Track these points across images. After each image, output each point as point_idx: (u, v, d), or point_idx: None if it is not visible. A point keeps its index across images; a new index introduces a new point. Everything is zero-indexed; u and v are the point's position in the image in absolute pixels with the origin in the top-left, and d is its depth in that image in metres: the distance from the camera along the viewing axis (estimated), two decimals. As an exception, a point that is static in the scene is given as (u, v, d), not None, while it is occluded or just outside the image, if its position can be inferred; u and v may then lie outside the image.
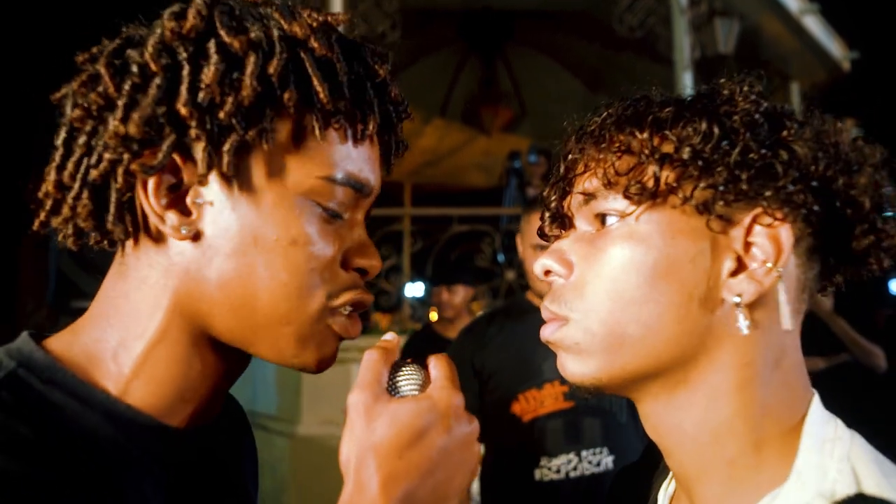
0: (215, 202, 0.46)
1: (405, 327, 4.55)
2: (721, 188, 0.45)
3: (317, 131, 0.46)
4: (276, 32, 0.45)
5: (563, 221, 0.52)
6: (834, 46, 5.30)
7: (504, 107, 6.30)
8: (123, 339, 0.47)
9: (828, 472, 0.44)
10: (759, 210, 0.45)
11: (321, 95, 0.45)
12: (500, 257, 4.41)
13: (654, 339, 0.45)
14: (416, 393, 0.47)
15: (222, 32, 0.45)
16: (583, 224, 0.51)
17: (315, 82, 0.45)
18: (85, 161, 0.46)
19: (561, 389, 1.43)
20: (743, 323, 0.44)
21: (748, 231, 0.46)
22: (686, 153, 0.46)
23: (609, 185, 0.48)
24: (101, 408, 0.45)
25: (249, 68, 0.44)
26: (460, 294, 2.99)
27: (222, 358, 0.49)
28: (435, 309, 3.16)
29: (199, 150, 0.44)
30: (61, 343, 0.48)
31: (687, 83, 4.29)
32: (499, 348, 1.50)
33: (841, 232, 0.47)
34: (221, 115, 0.44)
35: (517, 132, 6.77)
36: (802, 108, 0.52)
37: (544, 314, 0.51)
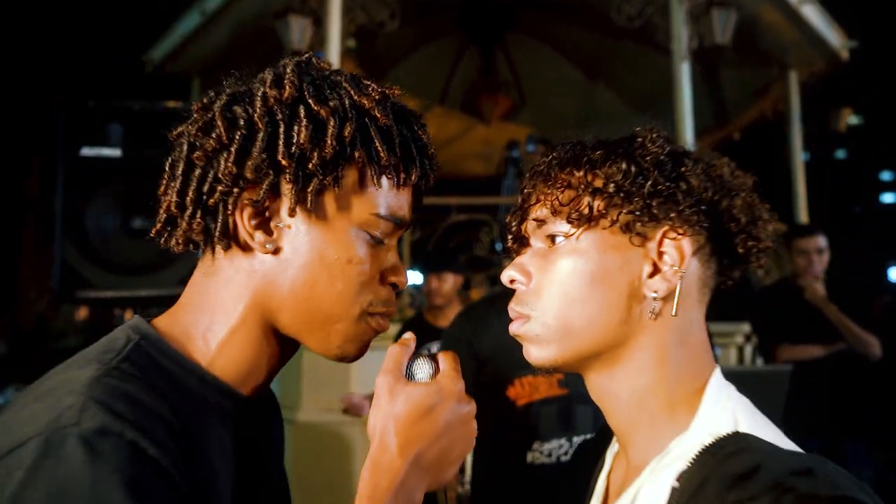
0: (293, 227, 0.60)
1: (404, 315, 4.60)
2: (638, 213, 0.61)
3: (375, 180, 0.61)
4: (348, 102, 0.60)
5: (522, 241, 0.67)
6: (832, 35, 5.27)
7: (503, 96, 6.29)
8: (211, 324, 0.61)
9: (717, 419, 0.59)
10: (667, 227, 0.61)
11: (381, 155, 0.60)
12: (498, 246, 4.44)
13: (595, 328, 0.61)
14: (427, 379, 0.62)
15: (311, 101, 0.59)
16: (537, 243, 0.66)
17: (377, 144, 0.60)
18: (202, 190, 0.60)
19: (556, 377, 1.47)
20: (659, 311, 0.61)
21: (660, 243, 0.62)
22: (611, 188, 0.61)
23: (555, 213, 0.63)
24: (196, 374, 0.60)
25: (330, 131, 0.58)
26: (449, 282, 2.99)
27: (282, 346, 0.64)
28: (425, 296, 3.18)
29: (288, 190, 0.59)
30: (164, 324, 0.62)
31: (684, 73, 4.31)
32: (497, 333, 1.54)
33: (728, 240, 0.64)
34: (310, 165, 0.58)
35: (516, 121, 6.77)
36: (697, 150, 0.67)
37: (511, 314, 0.65)
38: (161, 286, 2.30)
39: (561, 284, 0.61)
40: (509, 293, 0.67)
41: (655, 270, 0.61)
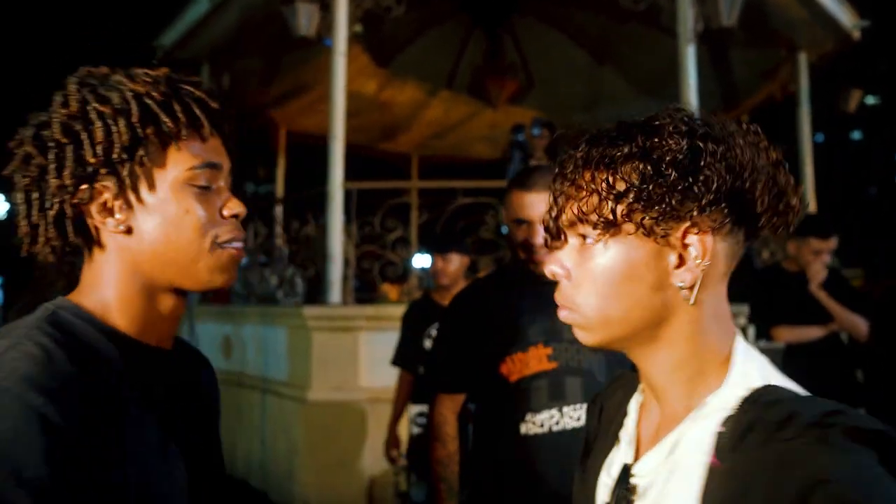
0: (133, 205, 0.74)
1: (413, 297, 4.68)
2: (658, 217, 0.65)
3: (175, 144, 0.74)
4: (127, 94, 0.73)
5: (559, 236, 0.74)
6: (843, 15, 5.21)
7: (510, 79, 6.26)
8: (107, 295, 0.75)
9: (749, 376, 0.66)
10: (687, 223, 0.66)
11: (168, 124, 0.73)
12: (504, 229, 4.49)
13: (630, 317, 0.68)
14: None
15: (96, 105, 0.72)
16: (572, 238, 0.72)
17: (162, 117, 0.73)
18: (43, 207, 0.73)
19: (545, 352, 1.54)
20: (689, 297, 0.67)
21: (683, 238, 0.66)
22: (632, 194, 0.65)
23: (581, 220, 0.69)
24: (105, 331, 0.73)
25: (121, 123, 0.71)
26: (455, 262, 3.04)
27: (168, 298, 0.78)
28: (432, 277, 3.24)
29: (109, 181, 0.73)
30: (77, 297, 0.77)
31: (690, 56, 4.30)
32: (492, 314, 1.61)
33: (753, 219, 0.68)
34: (114, 156, 0.71)
35: (523, 104, 6.76)
36: (721, 124, 0.68)
37: (557, 302, 0.73)
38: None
39: (594, 283, 0.68)
40: (502, 275, 0.73)
41: (681, 262, 0.66)
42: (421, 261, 5.53)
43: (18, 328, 0.69)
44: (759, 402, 0.62)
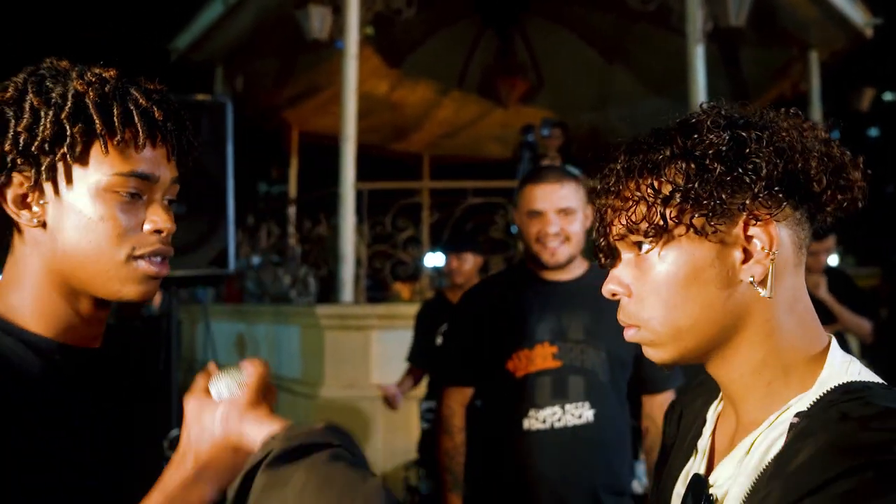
0: (49, 201, 0.72)
1: (424, 296, 4.72)
2: (710, 214, 0.61)
3: (103, 147, 0.71)
4: (69, 89, 0.71)
5: (612, 254, 0.70)
6: (855, 12, 5.17)
7: (520, 79, 6.29)
8: (24, 295, 0.74)
9: (843, 377, 0.61)
10: (745, 215, 0.62)
11: (98, 126, 0.71)
12: (514, 228, 4.53)
13: (701, 324, 0.64)
14: (227, 396, 0.70)
15: (31, 96, 0.70)
16: (625, 252, 0.69)
17: (94, 119, 0.70)
18: None
19: (550, 350, 1.59)
20: (763, 293, 0.62)
21: (745, 230, 0.62)
22: (678, 196, 0.62)
23: (632, 231, 0.66)
24: (16, 334, 0.72)
25: (49, 117, 0.70)
26: (469, 261, 3.12)
27: (83, 300, 0.75)
28: (446, 276, 3.31)
29: (28, 172, 0.71)
30: None
31: (699, 56, 4.31)
32: (501, 312, 1.66)
33: (816, 199, 0.64)
34: (33, 149, 0.70)
35: (534, 104, 6.78)
36: (759, 112, 0.66)
37: (622, 323, 0.69)
38: (194, 266, 2.45)
39: (658, 294, 0.64)
40: (511, 274, 0.72)
41: (747, 255, 0.62)
42: (433, 260, 5.58)
43: None
44: (843, 399, 0.57)
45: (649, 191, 0.64)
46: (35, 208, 0.72)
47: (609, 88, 6.72)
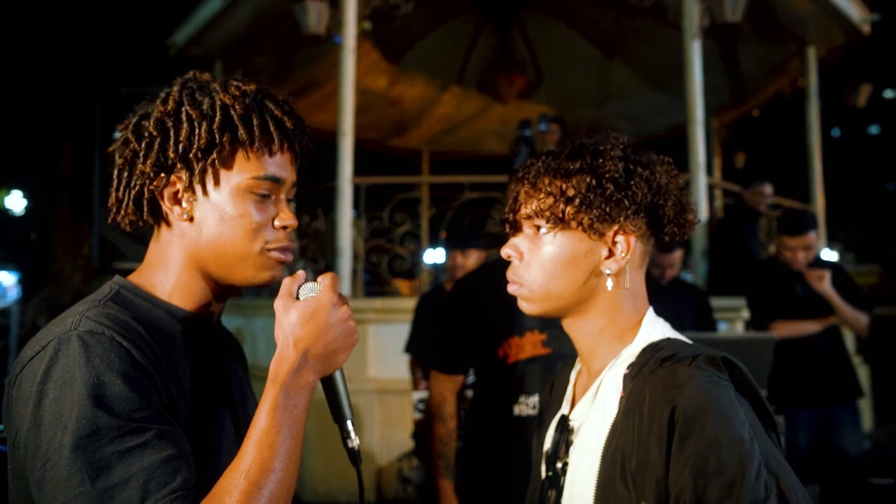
0: (198, 199, 0.84)
1: (424, 291, 4.74)
2: (596, 218, 0.86)
3: (245, 154, 0.83)
4: (217, 102, 0.83)
5: (516, 226, 0.93)
6: (853, 8, 5.18)
7: (519, 74, 6.29)
8: (166, 275, 0.87)
9: (651, 335, 0.88)
10: (617, 226, 0.87)
11: (243, 135, 0.83)
12: (511, 224, 4.54)
13: (566, 294, 0.89)
14: (313, 296, 0.82)
15: (187, 108, 0.83)
16: (527, 228, 0.91)
17: (239, 129, 0.82)
18: (128, 185, 0.86)
19: (539, 338, 1.61)
20: (609, 284, 0.88)
21: (613, 237, 0.87)
22: (578, 200, 0.86)
23: (538, 215, 0.88)
24: (163, 307, 0.85)
25: (204, 126, 0.82)
26: (473, 257, 3.16)
27: (217, 285, 0.88)
28: (449, 271, 3.34)
29: (183, 175, 0.83)
30: (135, 279, 0.88)
31: (696, 52, 4.32)
32: (492, 300, 1.68)
33: (661, 227, 0.90)
34: (191, 155, 0.82)
35: (533, 99, 6.79)
36: (646, 154, 0.90)
37: (508, 279, 0.92)
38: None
39: (542, 265, 0.88)
40: (500, 266, 0.94)
41: (610, 254, 0.87)
42: (432, 256, 5.58)
43: (89, 301, 0.80)
44: (655, 349, 0.83)
45: (558, 189, 0.87)
46: (185, 205, 0.83)
47: (608, 84, 6.73)
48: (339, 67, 4.35)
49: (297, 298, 0.82)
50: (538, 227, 0.89)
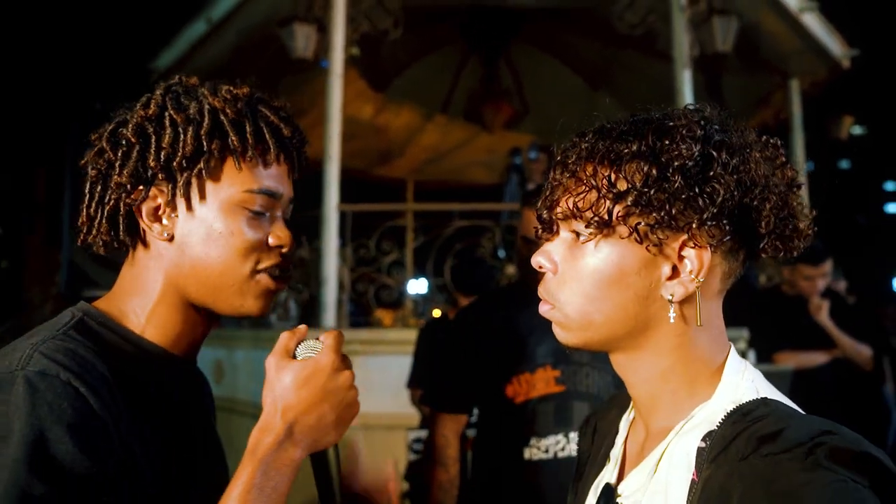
0: (180, 215, 0.73)
1: (407, 323, 4.60)
2: (655, 224, 0.61)
3: (237, 164, 0.73)
4: (205, 106, 0.72)
5: (551, 227, 0.69)
6: (833, 44, 5.28)
7: (506, 104, 6.31)
8: (139, 302, 0.75)
9: (739, 389, 0.63)
10: (685, 236, 0.62)
11: (234, 143, 0.72)
12: (501, 252, 4.45)
13: (612, 323, 0.64)
14: (312, 356, 0.70)
15: (171, 112, 0.72)
16: (564, 231, 0.67)
17: (230, 135, 0.72)
18: (102, 200, 0.74)
19: (552, 374, 1.48)
20: (672, 315, 0.63)
21: (680, 249, 0.63)
22: (631, 197, 0.61)
23: (576, 216, 0.64)
24: (134, 341, 0.73)
25: (189, 132, 0.71)
26: None
27: (198, 314, 0.77)
28: (440, 308, 3.25)
29: (165, 187, 0.72)
30: (103, 305, 0.75)
31: (686, 81, 4.33)
32: (499, 333, 1.56)
33: (755, 240, 0.64)
34: (174, 164, 0.71)
35: (519, 129, 6.79)
36: (740, 131, 0.65)
37: (540, 296, 0.69)
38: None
39: (580, 282, 0.64)
40: (510, 294, 0.70)
41: (674, 274, 0.62)
42: (416, 287, 5.45)
43: (44, 331, 0.68)
44: (747, 417, 0.58)
45: (604, 181, 0.62)
46: (165, 221, 0.73)
47: (594, 114, 6.76)
48: (325, 92, 4.28)
49: (294, 357, 0.70)
50: (577, 233, 0.65)
